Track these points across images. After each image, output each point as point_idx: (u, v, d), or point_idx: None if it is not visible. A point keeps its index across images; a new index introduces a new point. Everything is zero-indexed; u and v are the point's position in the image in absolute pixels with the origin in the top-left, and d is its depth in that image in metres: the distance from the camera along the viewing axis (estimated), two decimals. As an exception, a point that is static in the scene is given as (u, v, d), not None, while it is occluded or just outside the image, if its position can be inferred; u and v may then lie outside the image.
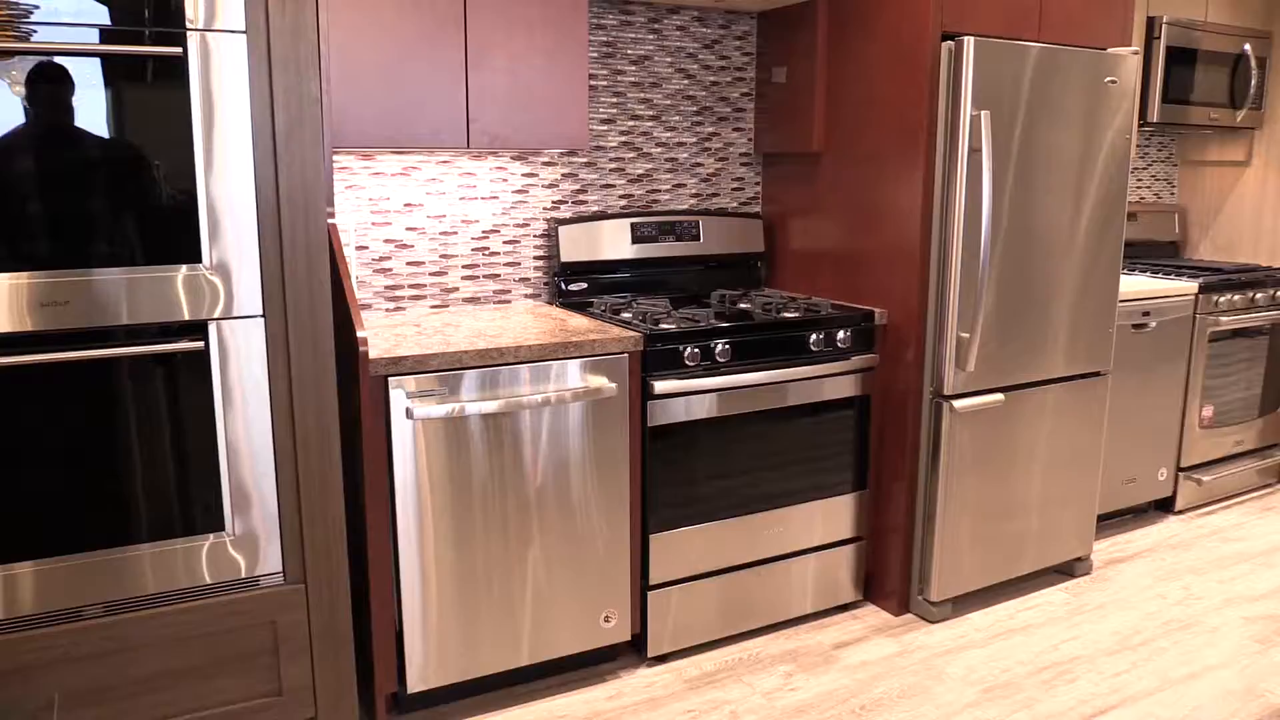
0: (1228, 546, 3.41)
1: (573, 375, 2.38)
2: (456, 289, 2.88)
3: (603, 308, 2.80)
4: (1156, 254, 4.27)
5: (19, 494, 1.79)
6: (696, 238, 3.12)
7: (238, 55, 1.82)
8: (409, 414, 2.18)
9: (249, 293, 1.90)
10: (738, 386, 2.59)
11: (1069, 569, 3.22)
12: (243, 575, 1.99)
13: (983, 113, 2.61)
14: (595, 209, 3.06)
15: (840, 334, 2.74)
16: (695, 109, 3.18)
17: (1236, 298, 3.63)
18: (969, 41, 2.57)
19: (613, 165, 3.07)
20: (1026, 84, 2.70)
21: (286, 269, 1.92)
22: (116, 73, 1.74)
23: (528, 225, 2.96)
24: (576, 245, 2.94)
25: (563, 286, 2.95)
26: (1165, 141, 4.36)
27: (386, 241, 2.76)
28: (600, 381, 2.41)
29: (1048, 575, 3.21)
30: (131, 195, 1.78)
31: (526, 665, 2.47)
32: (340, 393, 2.27)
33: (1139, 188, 4.33)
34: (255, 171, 1.87)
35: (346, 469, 2.35)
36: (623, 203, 3.11)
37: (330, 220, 2.24)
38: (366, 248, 2.74)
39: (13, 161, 1.69)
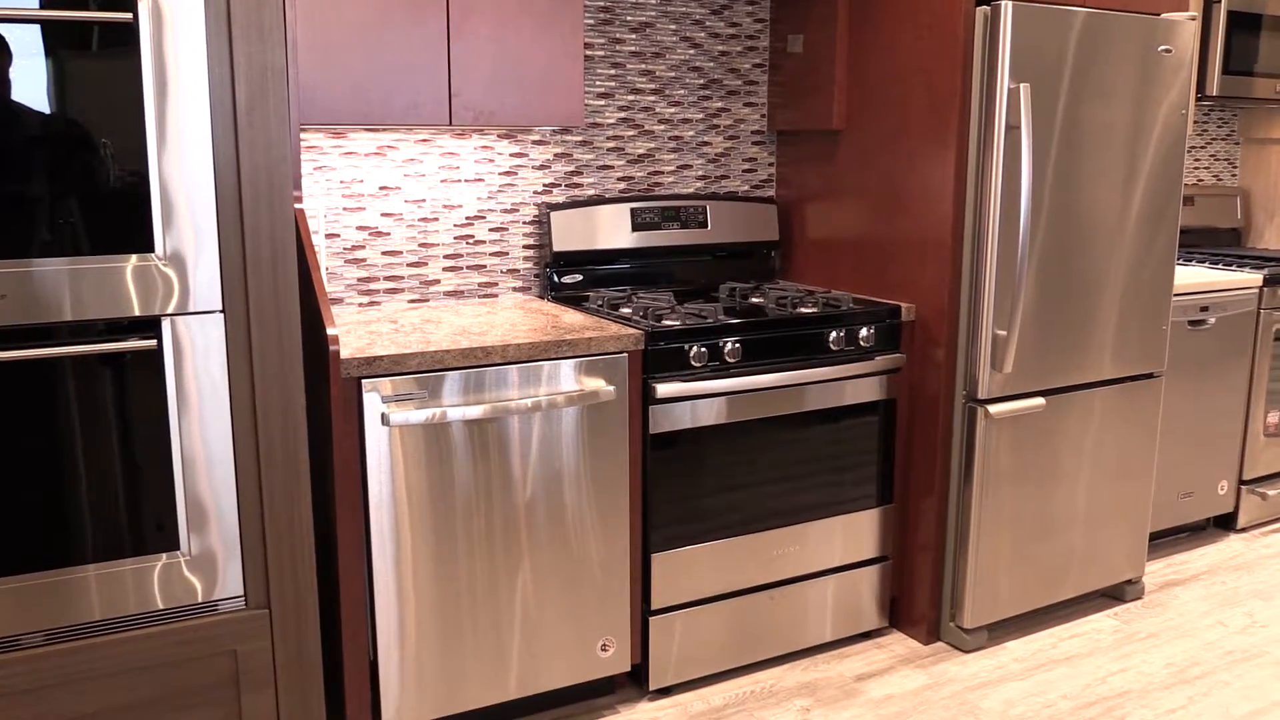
0: (1294, 568, 3.41)
1: (566, 377, 2.37)
2: (437, 282, 2.88)
3: (600, 302, 2.80)
4: (1216, 242, 4.26)
5: (-49, 508, 1.79)
6: (703, 225, 3.12)
7: (194, 21, 1.82)
8: (385, 420, 2.18)
9: (207, 285, 1.90)
10: (749, 390, 2.59)
11: (1118, 593, 3.21)
12: (199, 600, 1.99)
13: (1022, 85, 2.61)
14: (591, 193, 3.06)
15: (863, 331, 2.74)
16: (702, 82, 3.18)
17: (1304, 291, 3.63)
18: (1007, 6, 2.57)
19: (611, 144, 3.07)
20: (1071, 53, 2.70)
21: (249, 259, 1.92)
22: (59, 40, 1.74)
23: (516, 211, 2.96)
24: (570, 233, 2.93)
25: (555, 279, 2.95)
26: (1226, 117, 4.36)
27: (360, 229, 2.76)
28: (597, 384, 2.41)
29: (1094, 600, 3.20)
30: (76, 177, 1.78)
31: (515, 699, 2.47)
32: (308, 397, 2.27)
33: (1196, 169, 4.33)
34: (214, 151, 1.87)
35: (316, 481, 2.34)
36: (622, 186, 3.11)
37: (297, 205, 2.24)
38: (338, 236, 2.74)
39: (-56, 140, 1.69)
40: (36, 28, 1.73)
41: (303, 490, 2.04)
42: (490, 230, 2.93)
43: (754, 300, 2.92)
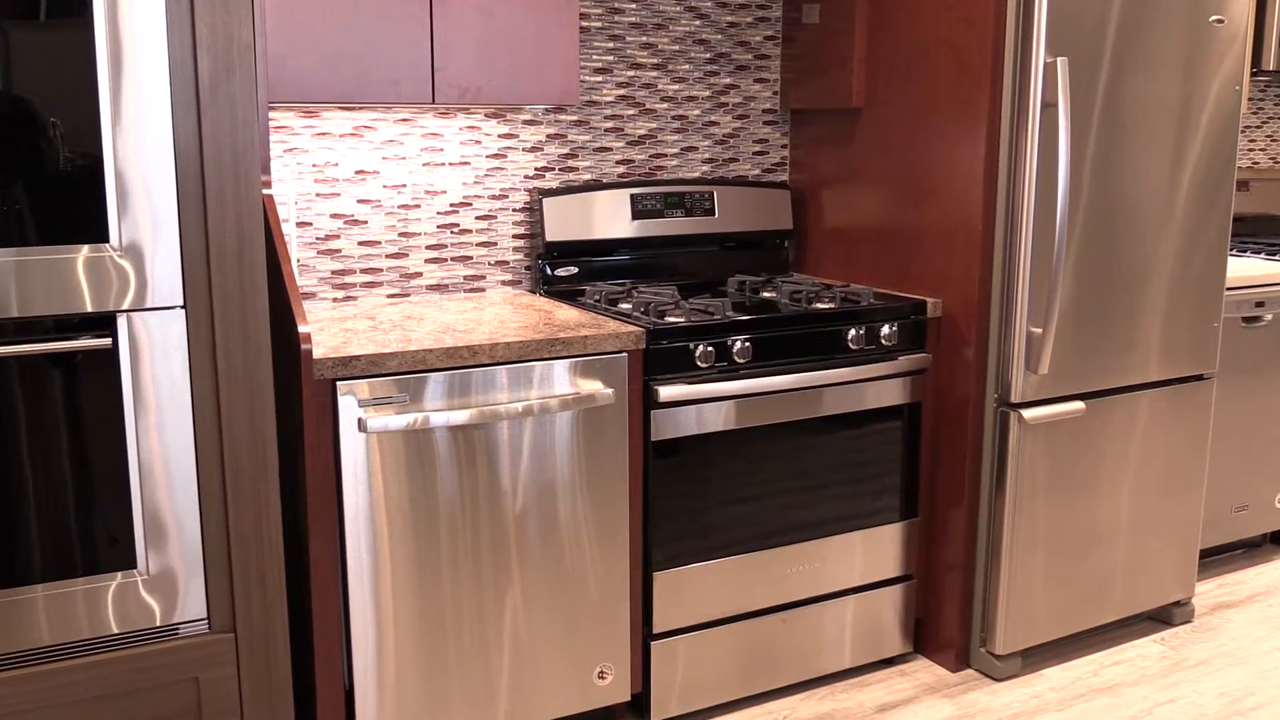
0: (1359, 588, 3.41)
1: (560, 379, 2.37)
2: (419, 275, 2.88)
3: (597, 297, 2.80)
4: (1273, 231, 4.26)
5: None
6: (710, 212, 3.12)
7: (152, -10, 1.83)
8: (361, 426, 2.18)
9: (166, 279, 1.90)
10: (760, 393, 2.58)
11: (1165, 616, 3.21)
12: (158, 623, 1.99)
13: (1059, 59, 2.60)
14: (587, 178, 3.06)
15: (885, 329, 2.74)
16: (709, 56, 3.18)
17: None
18: (1042, -27, 2.57)
19: (609, 124, 3.07)
20: (1113, 23, 2.70)
21: (213, 250, 1.92)
22: (2, 8, 1.74)
23: (506, 197, 2.96)
24: (565, 221, 2.93)
25: (548, 272, 2.95)
26: (1282, 95, 4.35)
27: (334, 217, 2.76)
28: (593, 386, 2.41)
29: (1139, 623, 3.20)
30: (22, 159, 1.78)
31: (504, 731, 2.47)
32: (278, 401, 2.27)
33: (1251, 150, 4.32)
34: (174, 132, 1.87)
35: (286, 493, 2.34)
36: (621, 170, 3.11)
37: (266, 191, 2.24)
38: (310, 224, 2.74)
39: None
40: (-20, -4, 1.73)
41: (271, 502, 2.04)
42: (477, 218, 2.93)
43: (765, 295, 2.92)
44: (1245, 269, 3.48)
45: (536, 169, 2.99)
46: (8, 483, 1.85)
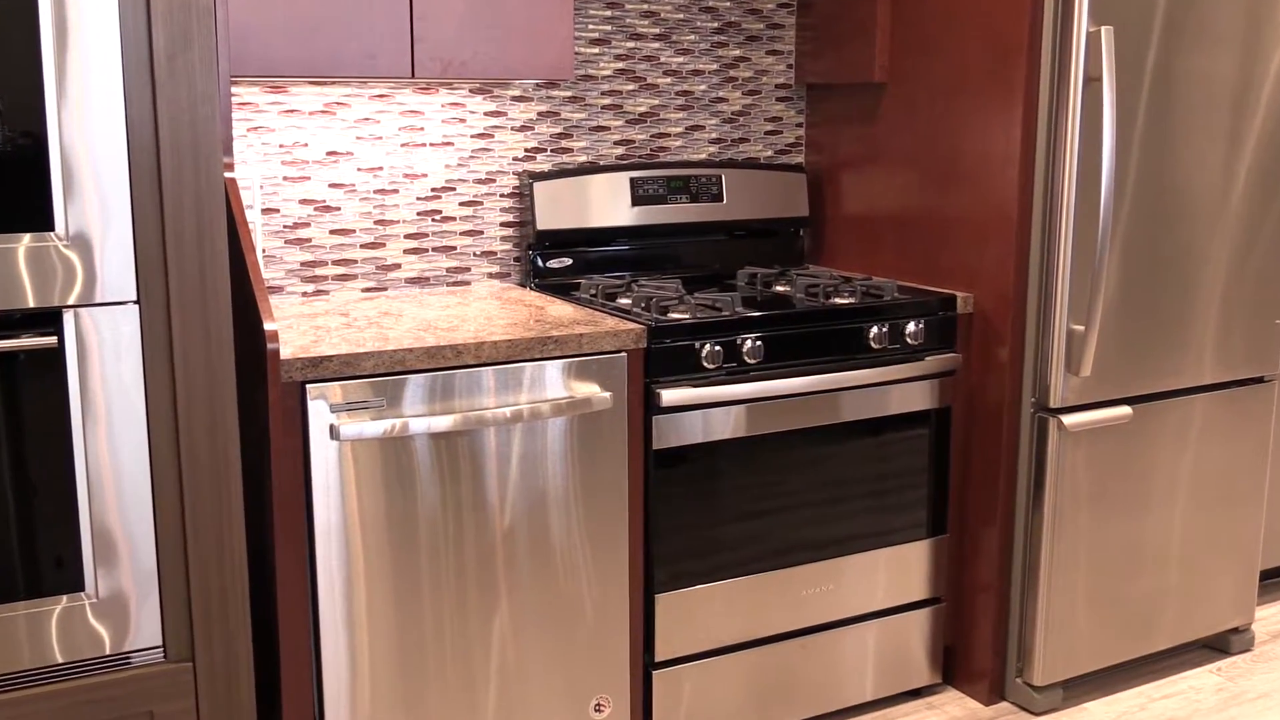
0: None
1: (552, 382, 2.37)
2: (397, 267, 2.87)
3: (593, 292, 2.80)
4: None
5: None
6: (718, 198, 3.11)
7: (102, -48, 1.82)
8: (334, 433, 2.18)
9: (118, 271, 1.89)
10: (773, 396, 2.58)
11: (1222, 644, 3.20)
12: (108, 651, 1.99)
13: (1104, 28, 2.60)
14: (583, 160, 3.06)
15: (910, 326, 2.73)
16: (716, 25, 3.18)
17: None
18: (1084, -67, 2.57)
19: (606, 101, 3.07)
20: (1161, -10, 2.70)
21: (169, 239, 1.92)
22: (-60, -25, 1.73)
23: (493, 181, 2.95)
24: (558, 208, 2.93)
25: (539, 263, 2.94)
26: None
27: (304, 203, 2.76)
28: (589, 390, 2.41)
29: (1193, 652, 3.19)
30: (-40, 139, 1.78)
31: (491, 771, 2.47)
32: (242, 405, 2.27)
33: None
34: (127, 108, 1.87)
35: (250, 507, 2.34)
36: (619, 151, 3.11)
37: (228, 174, 2.23)
38: (277, 211, 2.74)
39: None
40: (-88, -41, 1.72)
41: (234, 518, 2.03)
42: (461, 205, 2.93)
43: (779, 289, 2.92)
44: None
45: (526, 150, 2.98)
46: (-58, 496, 1.85)
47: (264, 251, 2.73)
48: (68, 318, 1.88)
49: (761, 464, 2.61)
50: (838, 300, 2.74)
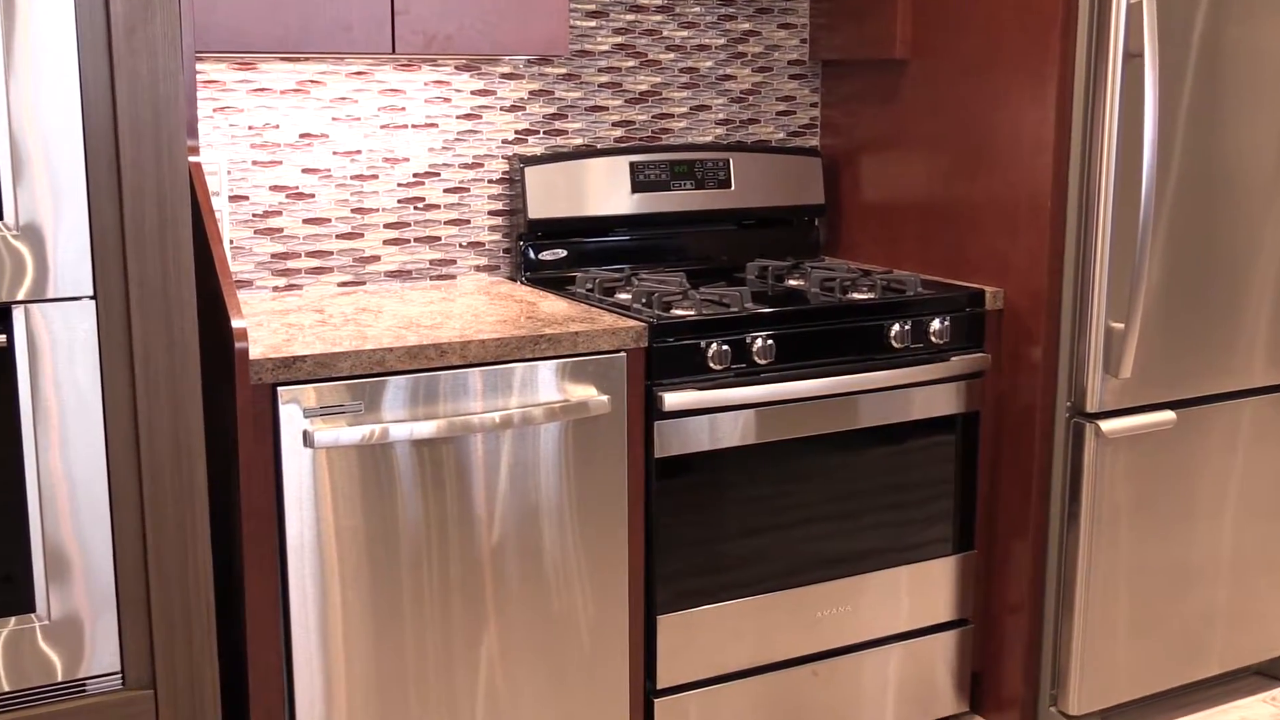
0: None
1: (545, 384, 2.37)
2: (376, 259, 2.87)
3: (589, 286, 2.80)
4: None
5: None
6: (725, 184, 3.11)
7: (56, -84, 1.82)
8: (307, 440, 2.18)
9: (72, 264, 1.89)
10: (786, 400, 2.58)
11: (1276, 670, 3.19)
12: (60, 678, 1.98)
13: None
14: (578, 142, 3.06)
15: (935, 324, 2.73)
16: (725, -4, 3.18)
17: None
18: (1124, -104, 2.57)
19: (604, 78, 3.07)
20: (1208, -42, 2.70)
21: (129, 229, 1.92)
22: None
23: (480, 166, 2.95)
24: (551, 195, 2.93)
25: (531, 255, 2.94)
26: None
27: (275, 189, 2.76)
28: (586, 393, 2.41)
29: (1244, 679, 3.19)
30: (-100, 120, 1.78)
31: (478, 807, 2.47)
32: (208, 410, 2.27)
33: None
34: (82, 86, 1.87)
35: (217, 520, 2.34)
36: (618, 134, 3.10)
37: (193, 158, 2.23)
38: (246, 198, 2.74)
39: None
40: None
41: (199, 532, 2.03)
42: (446, 191, 2.92)
43: (791, 283, 2.92)
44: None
45: (517, 132, 2.98)
46: (-118, 508, 1.85)
47: (232, 242, 2.73)
48: (17, 315, 1.87)
49: (773, 473, 2.61)
50: (856, 295, 2.74)
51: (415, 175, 2.89)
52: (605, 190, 2.99)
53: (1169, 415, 2.83)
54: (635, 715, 2.57)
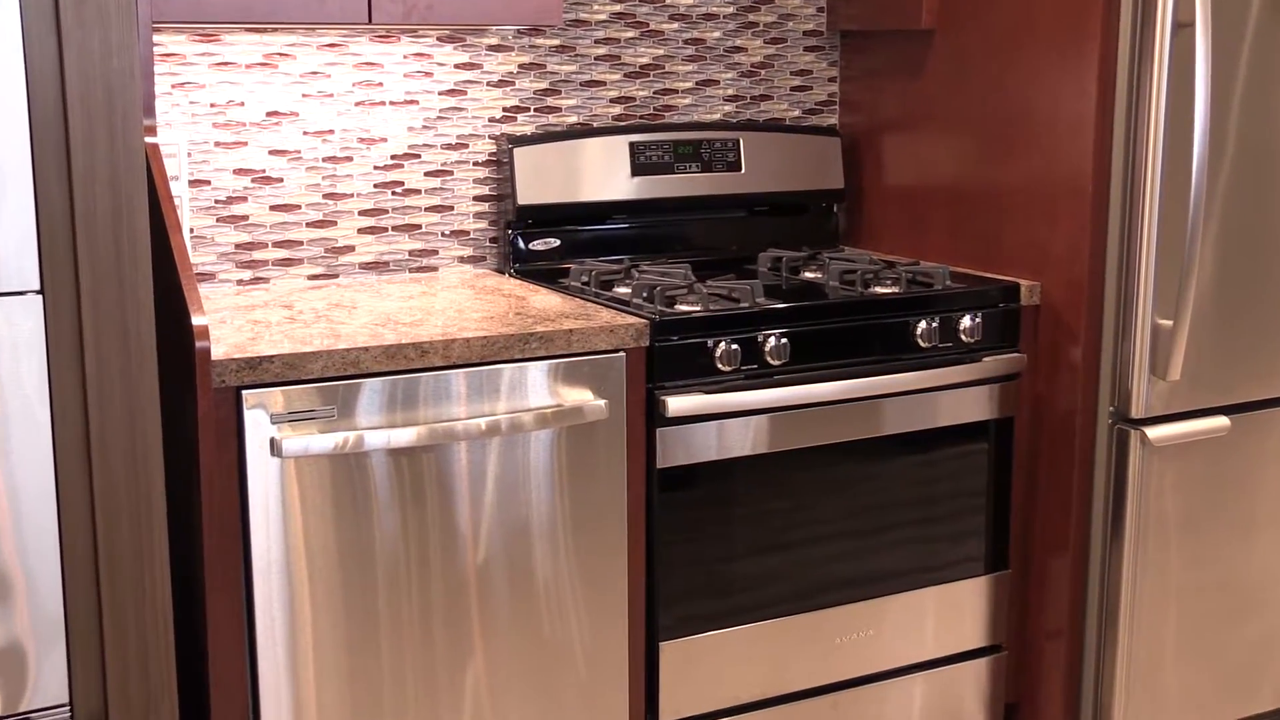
0: None
1: (536, 387, 2.37)
2: (350, 249, 2.87)
3: (585, 279, 2.80)
4: None
5: None
6: (735, 166, 3.11)
7: (-1, -126, 1.82)
8: (275, 448, 2.18)
9: (16, 255, 1.89)
10: (801, 405, 2.58)
11: (1336, 700, 3.20)
12: (0, 713, 1.98)
13: (1195, -35, 2.60)
14: (573, 120, 3.06)
15: (966, 321, 2.73)
16: (734, -40, 3.19)
17: None
18: None
19: (601, 50, 3.07)
20: (1265, -81, 2.70)
21: (79, 217, 1.92)
22: None
23: (465, 147, 2.96)
24: (542, 179, 2.93)
25: (520, 245, 2.95)
26: None
27: (239, 173, 2.76)
28: (581, 396, 2.41)
29: (1302, 709, 3.19)
30: None
31: None
32: (166, 414, 2.27)
33: None
34: (26, 60, 1.87)
35: (176, 536, 2.34)
36: (617, 111, 3.11)
37: (150, 139, 2.23)
38: (208, 183, 2.74)
39: None
40: None
41: (157, 551, 2.03)
42: (427, 175, 2.93)
43: (808, 276, 2.92)
44: None
45: (505, 110, 2.99)
46: None
47: (192, 231, 2.73)
48: (-43, 311, 1.88)
49: (787, 486, 2.61)
50: (878, 289, 2.74)
51: (393, 157, 2.89)
52: (602, 174, 2.99)
53: (1222, 421, 2.83)
54: (635, 751, 2.58)
